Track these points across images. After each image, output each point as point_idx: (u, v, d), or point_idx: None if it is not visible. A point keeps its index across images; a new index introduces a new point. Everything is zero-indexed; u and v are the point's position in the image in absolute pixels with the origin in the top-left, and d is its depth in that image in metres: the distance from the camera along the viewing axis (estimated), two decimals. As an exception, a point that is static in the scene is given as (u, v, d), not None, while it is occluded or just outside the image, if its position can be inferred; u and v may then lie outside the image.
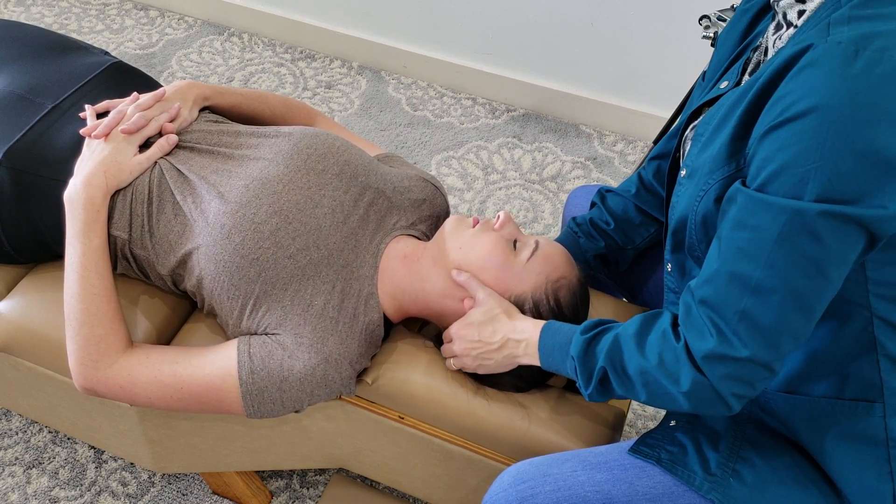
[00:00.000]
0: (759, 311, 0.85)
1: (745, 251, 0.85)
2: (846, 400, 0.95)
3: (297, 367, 1.12)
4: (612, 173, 2.29)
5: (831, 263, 0.83)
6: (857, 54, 0.77)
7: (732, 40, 1.07)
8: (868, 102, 0.76)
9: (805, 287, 0.84)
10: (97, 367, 1.15)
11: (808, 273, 0.83)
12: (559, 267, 1.17)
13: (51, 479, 1.59)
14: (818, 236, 0.81)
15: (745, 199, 0.85)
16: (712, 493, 0.98)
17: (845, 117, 0.76)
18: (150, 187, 1.21)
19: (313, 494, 1.58)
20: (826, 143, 0.77)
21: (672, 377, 0.92)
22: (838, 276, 0.84)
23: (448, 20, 2.41)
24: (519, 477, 1.06)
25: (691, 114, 1.08)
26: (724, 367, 0.88)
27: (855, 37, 0.78)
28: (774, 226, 0.82)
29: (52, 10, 2.77)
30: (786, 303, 0.84)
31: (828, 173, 0.78)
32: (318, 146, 1.24)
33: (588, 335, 1.02)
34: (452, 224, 1.20)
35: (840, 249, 0.82)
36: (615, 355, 0.98)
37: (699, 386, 0.90)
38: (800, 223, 0.81)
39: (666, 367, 0.93)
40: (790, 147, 0.80)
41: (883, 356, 0.92)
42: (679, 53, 2.16)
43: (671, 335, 0.94)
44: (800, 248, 0.82)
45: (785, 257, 0.83)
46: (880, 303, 0.90)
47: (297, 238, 1.16)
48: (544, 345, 1.07)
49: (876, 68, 0.77)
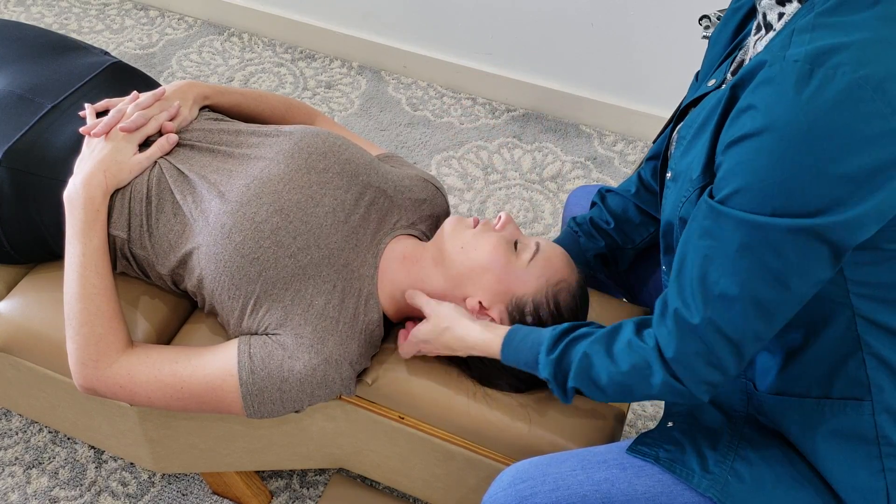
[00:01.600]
0: (723, 317, 0.88)
1: (711, 259, 0.87)
2: (835, 399, 0.96)
3: (298, 367, 1.11)
4: (612, 173, 2.29)
5: (792, 275, 0.84)
6: (811, 73, 0.78)
7: (724, 39, 1.07)
8: (821, 121, 0.77)
9: (767, 296, 0.86)
10: (97, 367, 1.15)
11: (769, 284, 0.85)
12: (559, 270, 1.17)
13: (51, 479, 1.59)
14: (777, 250, 0.82)
15: (708, 210, 0.87)
16: (710, 490, 0.98)
17: (800, 135, 0.78)
18: (149, 187, 1.21)
19: (313, 494, 1.58)
20: (783, 161, 0.79)
21: (644, 382, 0.96)
22: (802, 287, 0.85)
23: (448, 20, 2.41)
24: (518, 476, 1.06)
25: (679, 114, 1.08)
26: (692, 367, 0.92)
27: (811, 53, 0.79)
28: (735, 238, 0.84)
29: (52, 10, 2.77)
30: (748, 311, 0.87)
31: (784, 189, 0.80)
32: (319, 145, 1.24)
33: (554, 355, 1.03)
34: (452, 224, 1.19)
35: (801, 262, 0.83)
36: (585, 373, 1.01)
37: (670, 387, 0.94)
38: (760, 237, 0.82)
39: (637, 374, 0.96)
40: (749, 163, 0.82)
41: (868, 354, 0.93)
42: (679, 53, 2.15)
43: (637, 342, 0.97)
44: (761, 260, 0.84)
45: (747, 268, 0.85)
46: (862, 302, 0.91)
47: (297, 237, 1.16)
48: (510, 361, 1.09)
49: (829, 86, 0.77)
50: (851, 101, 0.77)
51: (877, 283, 0.90)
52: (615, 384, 0.98)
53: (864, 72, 0.77)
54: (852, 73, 0.77)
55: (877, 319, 0.92)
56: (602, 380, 0.99)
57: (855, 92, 0.77)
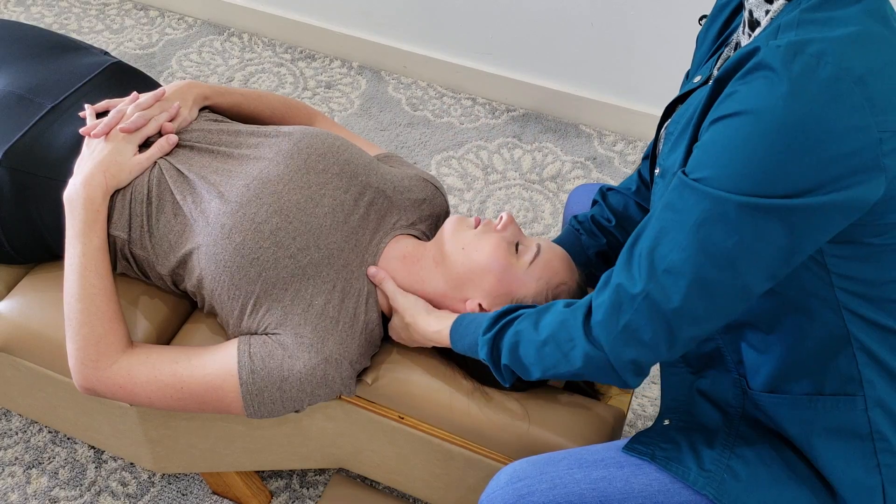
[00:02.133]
0: (663, 292, 0.87)
1: (667, 231, 0.87)
2: (827, 395, 0.96)
3: (298, 367, 1.12)
4: (612, 173, 2.29)
5: (743, 258, 0.83)
6: (794, 59, 0.78)
7: (711, 37, 1.08)
8: (800, 109, 0.77)
9: (713, 277, 0.85)
10: (97, 367, 1.15)
11: (718, 264, 0.84)
12: (560, 272, 1.17)
13: (51, 479, 1.59)
14: (734, 226, 0.82)
15: (678, 183, 0.86)
16: (707, 488, 0.99)
17: (777, 119, 0.78)
18: (150, 187, 1.21)
19: (313, 494, 1.58)
20: (757, 142, 0.79)
21: (564, 354, 0.95)
22: (750, 273, 0.84)
23: (448, 20, 2.41)
24: (515, 475, 1.06)
25: (666, 111, 1.09)
26: (619, 338, 0.91)
27: (795, 43, 0.79)
28: (695, 211, 0.84)
29: (52, 10, 2.77)
30: (692, 289, 0.85)
31: (753, 168, 0.80)
32: (319, 145, 1.24)
33: (490, 335, 1.04)
34: (453, 224, 1.20)
35: (753, 245, 0.83)
36: (514, 349, 1.01)
37: (591, 359, 0.93)
38: (719, 212, 0.82)
39: (559, 346, 0.96)
40: (722, 141, 0.82)
41: (858, 349, 0.93)
42: (679, 53, 2.15)
43: (565, 311, 0.97)
44: (714, 237, 0.83)
45: (699, 243, 0.84)
46: (848, 297, 0.91)
47: (297, 237, 1.16)
48: (458, 347, 1.11)
49: (812, 75, 0.78)
50: (831, 93, 0.77)
51: (861, 279, 0.90)
52: (539, 359, 0.98)
53: (847, 65, 0.78)
54: (835, 64, 0.78)
55: (864, 314, 0.92)
56: (528, 356, 0.99)
57: (836, 83, 0.77)
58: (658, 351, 0.90)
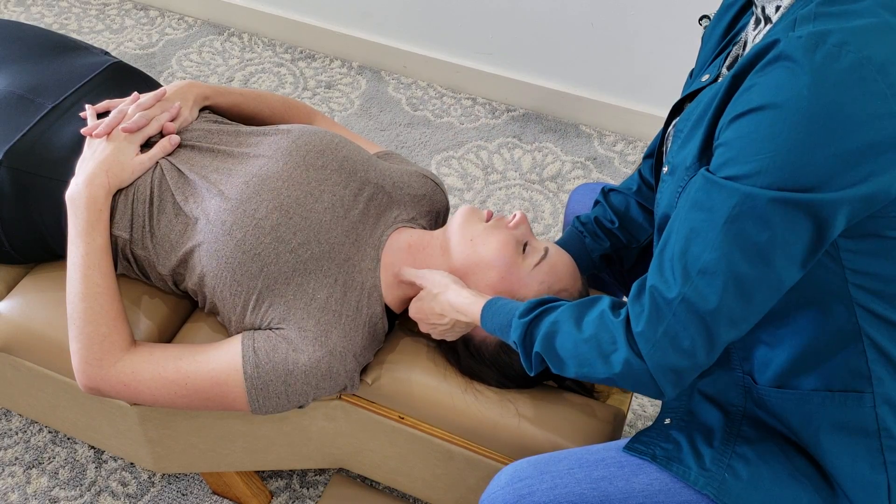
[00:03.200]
0: (700, 294, 0.86)
1: (697, 231, 0.86)
2: (836, 391, 0.96)
3: (302, 360, 1.12)
4: (612, 173, 2.29)
5: (777, 251, 0.83)
6: (816, 48, 0.78)
7: (717, 36, 1.08)
8: (824, 98, 0.78)
9: (748, 273, 0.84)
10: (101, 366, 1.15)
11: (752, 259, 0.84)
12: (563, 279, 1.17)
13: (51, 479, 1.59)
14: (766, 221, 0.82)
15: (703, 181, 0.86)
16: (707, 487, 0.99)
17: (802, 110, 0.78)
18: (152, 187, 1.21)
19: (313, 494, 1.58)
20: (782, 134, 0.79)
21: (605, 357, 0.93)
22: (784, 267, 0.84)
23: (448, 20, 2.41)
24: (516, 475, 1.06)
25: (674, 110, 1.09)
26: (659, 346, 0.89)
27: (815, 33, 0.80)
28: (725, 208, 0.83)
29: (52, 10, 2.77)
30: (727, 288, 0.85)
31: (780, 162, 0.80)
32: (317, 143, 1.25)
33: (527, 318, 1.02)
34: (466, 214, 1.20)
35: (785, 237, 0.83)
36: (550, 339, 0.99)
37: (631, 367, 0.91)
38: (749, 207, 0.82)
39: (600, 347, 0.94)
40: (747, 136, 0.82)
41: (869, 345, 0.93)
42: (679, 53, 2.15)
43: (609, 315, 0.95)
44: (746, 232, 0.83)
45: (731, 241, 0.84)
46: (860, 293, 0.91)
47: (297, 233, 1.16)
48: (486, 325, 1.09)
49: (835, 64, 0.78)
50: (854, 80, 0.78)
51: (875, 275, 0.90)
52: (576, 355, 0.96)
53: (868, 53, 0.78)
54: (857, 52, 0.78)
55: (875, 310, 0.92)
56: (565, 349, 0.97)
57: (858, 71, 0.78)
58: (697, 357, 0.89)
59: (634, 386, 0.93)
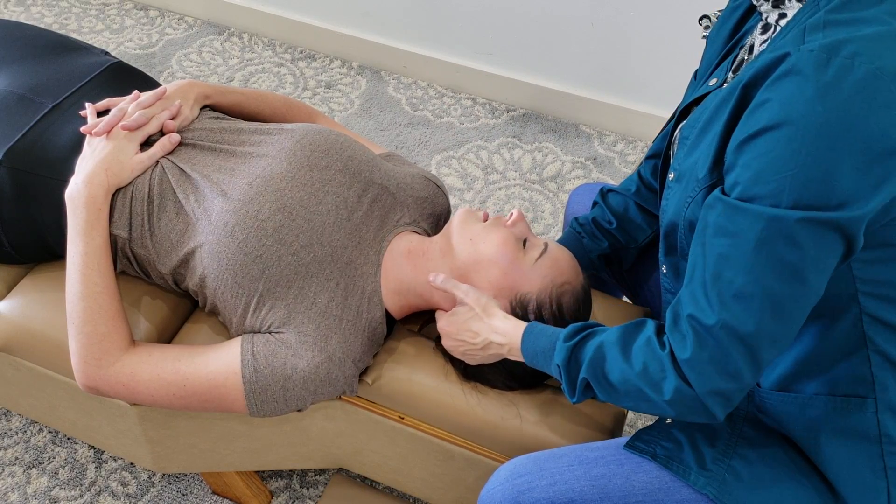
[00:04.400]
0: (738, 318, 0.86)
1: (726, 257, 0.86)
2: (838, 396, 0.96)
3: (301, 365, 1.12)
4: (612, 173, 2.29)
5: (810, 269, 0.83)
6: (828, 62, 0.78)
7: (722, 38, 1.08)
8: (839, 112, 0.77)
9: (784, 293, 0.84)
10: (100, 366, 1.15)
11: (786, 279, 0.84)
12: (565, 272, 1.17)
13: (51, 479, 1.58)
14: (796, 242, 0.82)
15: (724, 207, 0.86)
16: (707, 488, 0.99)
17: (818, 126, 0.78)
18: (151, 186, 1.21)
19: (313, 494, 1.58)
20: (800, 153, 0.79)
21: (655, 386, 0.93)
22: (817, 281, 0.85)
23: (448, 20, 2.41)
24: (515, 472, 1.06)
25: (680, 113, 1.08)
26: (705, 374, 0.89)
27: (827, 44, 0.79)
28: (752, 232, 0.83)
29: (52, 10, 2.77)
30: (764, 310, 0.85)
31: (802, 181, 0.79)
32: (322, 142, 1.24)
33: (571, 342, 1.01)
34: (463, 216, 1.19)
35: (818, 254, 0.83)
36: (598, 364, 0.98)
37: (682, 394, 0.91)
38: (777, 229, 0.82)
39: (649, 376, 0.93)
40: (766, 156, 0.81)
41: (873, 352, 0.93)
42: (679, 53, 2.15)
43: (656, 343, 0.94)
44: (778, 253, 0.83)
45: (764, 264, 0.83)
46: (868, 300, 0.91)
47: (300, 235, 1.16)
48: (527, 348, 1.07)
49: (848, 76, 0.77)
50: (869, 92, 0.77)
51: (885, 282, 0.90)
52: (626, 382, 0.95)
53: (881, 63, 0.78)
54: (869, 63, 0.77)
55: (883, 317, 0.92)
56: (614, 375, 0.96)
57: (872, 82, 0.77)
58: (744, 379, 0.89)
59: (686, 412, 0.93)
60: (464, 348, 1.14)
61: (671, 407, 0.93)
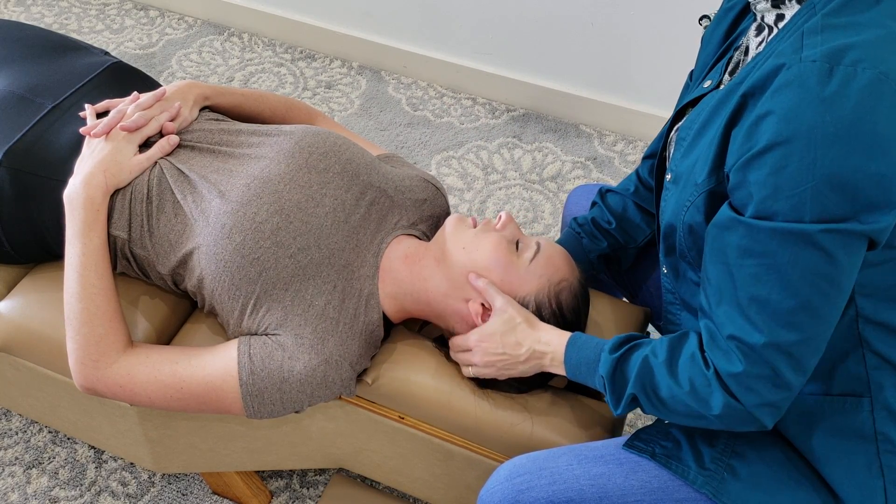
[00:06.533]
0: (783, 333, 0.86)
1: (759, 277, 0.86)
2: (834, 396, 0.96)
3: (298, 368, 1.11)
4: (612, 173, 2.29)
5: (842, 274, 0.84)
6: (831, 72, 0.78)
7: (717, 39, 1.07)
8: (847, 121, 0.77)
9: (821, 300, 0.85)
10: (97, 367, 1.15)
11: (822, 288, 0.84)
12: (560, 269, 1.17)
13: (51, 479, 1.59)
14: (828, 253, 0.82)
15: (746, 229, 0.85)
16: (706, 486, 0.99)
17: (828, 137, 0.78)
18: (150, 187, 1.21)
19: (313, 494, 1.58)
20: (815, 166, 0.79)
21: (704, 401, 0.93)
22: (850, 282, 0.86)
23: (448, 20, 2.41)
24: (515, 471, 1.06)
25: (676, 114, 1.08)
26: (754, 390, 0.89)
27: (827, 52, 0.79)
28: (783, 250, 0.83)
29: (52, 10, 2.77)
30: (806, 321, 0.86)
31: (820, 194, 0.80)
32: (320, 144, 1.24)
33: (616, 354, 1.01)
34: (453, 224, 1.19)
35: (850, 260, 0.84)
36: (646, 380, 0.98)
37: (731, 409, 0.91)
38: (806, 244, 0.82)
39: (697, 393, 0.93)
40: (781, 172, 0.81)
41: (869, 351, 0.94)
42: (679, 53, 2.15)
43: (700, 359, 0.94)
44: (811, 267, 0.83)
45: (798, 278, 0.84)
46: (865, 301, 0.92)
47: (298, 237, 1.16)
48: (570, 359, 1.07)
49: (852, 83, 0.77)
50: (874, 98, 0.77)
51: (882, 284, 0.90)
52: (674, 399, 0.95)
53: (884, 67, 0.78)
54: (872, 68, 0.77)
55: (879, 318, 0.92)
56: (663, 391, 0.96)
57: (878, 87, 0.77)
58: (793, 387, 0.90)
59: (735, 424, 0.94)
60: (505, 362, 1.11)
61: (720, 420, 0.93)
